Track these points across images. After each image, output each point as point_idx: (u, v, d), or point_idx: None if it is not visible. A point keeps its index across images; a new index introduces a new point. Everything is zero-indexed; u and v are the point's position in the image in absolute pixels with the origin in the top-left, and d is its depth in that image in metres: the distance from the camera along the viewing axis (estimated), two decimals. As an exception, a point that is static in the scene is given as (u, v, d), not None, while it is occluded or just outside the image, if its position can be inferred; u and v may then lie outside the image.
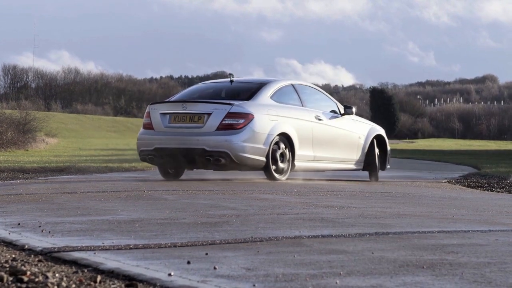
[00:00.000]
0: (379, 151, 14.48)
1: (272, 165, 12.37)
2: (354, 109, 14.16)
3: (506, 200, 11.16)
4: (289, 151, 12.56)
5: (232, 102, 12.02)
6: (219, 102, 12.01)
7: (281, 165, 12.54)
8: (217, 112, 11.82)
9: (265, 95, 12.37)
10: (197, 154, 11.98)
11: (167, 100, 12.84)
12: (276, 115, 12.33)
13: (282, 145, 12.41)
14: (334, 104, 13.92)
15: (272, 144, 12.20)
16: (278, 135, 12.25)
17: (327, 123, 13.35)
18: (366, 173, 14.66)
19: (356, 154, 14.05)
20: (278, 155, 12.44)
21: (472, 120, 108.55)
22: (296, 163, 12.73)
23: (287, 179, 12.83)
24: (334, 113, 13.74)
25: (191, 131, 11.96)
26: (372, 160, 14.19)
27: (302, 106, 13.04)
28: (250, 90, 12.42)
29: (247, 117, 11.87)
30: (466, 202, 10.32)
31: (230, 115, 11.84)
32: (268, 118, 12.14)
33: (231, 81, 12.79)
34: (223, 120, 11.82)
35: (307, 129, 12.83)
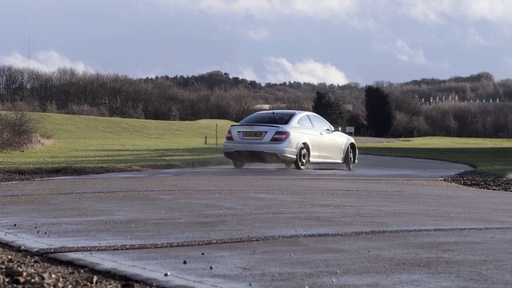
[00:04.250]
0: (352, 152, 22.57)
1: (299, 160, 20.27)
2: (339, 128, 22.98)
3: (502, 197, 11.17)
4: (307, 152, 20.51)
5: (277, 125, 20.22)
6: (271, 125, 20.21)
7: (303, 160, 20.43)
8: (270, 131, 20.06)
9: (295, 121, 20.68)
10: (259, 154, 19.99)
11: (241, 123, 20.98)
12: (300, 132, 20.47)
13: (304, 149, 20.40)
14: (328, 125, 22.02)
15: (299, 149, 20.22)
16: (302, 143, 20.32)
17: (326, 136, 21.45)
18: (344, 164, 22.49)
19: (341, 154, 22.06)
20: (301, 155, 20.36)
21: (467, 118, 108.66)
22: (311, 159, 20.68)
23: (306, 168, 20.44)
24: (328, 130, 21.77)
25: (256, 141, 20.07)
26: (347, 157, 22.22)
27: (312, 127, 21.20)
28: (286, 118, 20.77)
29: (286, 134, 20.05)
30: (462, 200, 10.33)
31: (277, 132, 20.02)
32: (296, 134, 20.29)
33: (273, 112, 21.52)
34: (274, 135, 19.98)
35: (315, 140, 20.95)
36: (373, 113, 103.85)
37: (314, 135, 20.87)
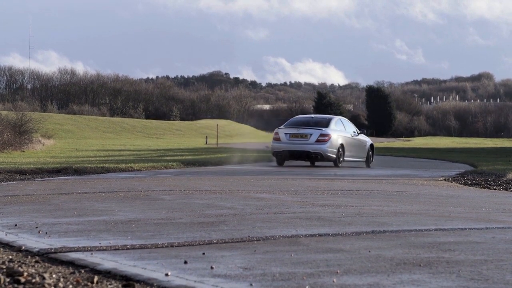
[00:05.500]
0: (371, 152, 25.36)
1: (337, 159, 22.94)
2: (364, 130, 26.08)
3: (503, 197, 11.17)
4: (343, 152, 23.27)
5: (320, 128, 23.04)
6: (315, 128, 23.05)
7: (340, 159, 23.11)
8: (315, 133, 22.81)
9: (333, 125, 23.48)
10: (306, 154, 22.76)
11: (286, 126, 23.70)
12: (338, 135, 23.21)
13: (340, 149, 23.15)
14: (355, 128, 25.04)
15: (337, 149, 22.93)
16: (339, 144, 23.10)
17: (354, 138, 24.31)
18: (363, 163, 25.13)
19: (364, 153, 24.77)
20: (339, 154, 23.04)
21: (468, 118, 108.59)
22: (345, 158, 23.37)
23: (341, 165, 23.14)
24: (355, 133, 24.56)
25: (302, 142, 22.80)
26: (368, 156, 24.98)
27: (345, 130, 24.01)
28: (325, 122, 23.69)
29: (329, 136, 22.82)
30: (463, 199, 10.33)
31: (321, 135, 22.76)
32: (335, 136, 23.04)
33: (312, 117, 24.81)
34: (318, 137, 22.71)
35: (348, 141, 23.73)
36: (373, 113, 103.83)
37: (347, 137, 23.72)
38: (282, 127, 23.87)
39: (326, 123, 23.57)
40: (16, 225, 6.51)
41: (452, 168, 23.30)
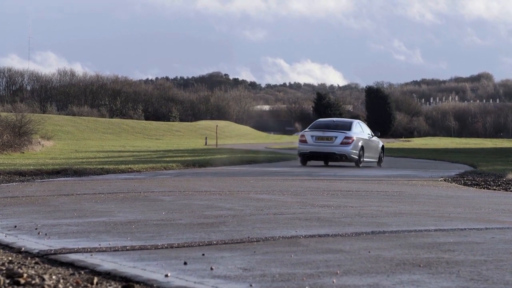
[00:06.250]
0: (382, 153, 27.08)
1: (359, 159, 24.48)
2: (379, 134, 27.58)
3: (503, 198, 11.17)
4: (362, 153, 24.79)
5: (344, 131, 24.64)
6: (339, 131, 24.65)
7: (361, 159, 24.62)
8: (340, 136, 24.38)
9: (354, 128, 25.15)
10: (331, 155, 24.47)
11: (311, 129, 25.21)
12: (358, 137, 24.77)
13: (361, 151, 24.70)
14: (369, 130, 26.57)
15: (359, 150, 24.53)
16: (360, 146, 24.65)
17: (371, 140, 25.89)
18: (375, 163, 26.68)
19: (377, 154, 26.35)
20: (360, 155, 24.59)
21: (468, 119, 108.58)
22: (364, 158, 24.92)
23: (361, 165, 24.56)
24: (369, 135, 26.03)
25: (328, 144, 24.41)
26: (380, 156, 26.58)
27: (363, 132, 25.59)
28: (347, 125, 25.34)
29: (352, 138, 24.41)
30: (463, 200, 10.33)
31: (346, 137, 24.34)
32: (357, 139, 24.62)
33: (333, 120, 26.48)
34: (343, 139, 24.28)
35: (366, 143, 25.28)
36: (373, 113, 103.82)
37: (365, 139, 25.33)
38: (307, 130, 25.49)
39: (348, 127, 25.23)
40: (15, 226, 6.51)
41: (452, 168, 23.30)
